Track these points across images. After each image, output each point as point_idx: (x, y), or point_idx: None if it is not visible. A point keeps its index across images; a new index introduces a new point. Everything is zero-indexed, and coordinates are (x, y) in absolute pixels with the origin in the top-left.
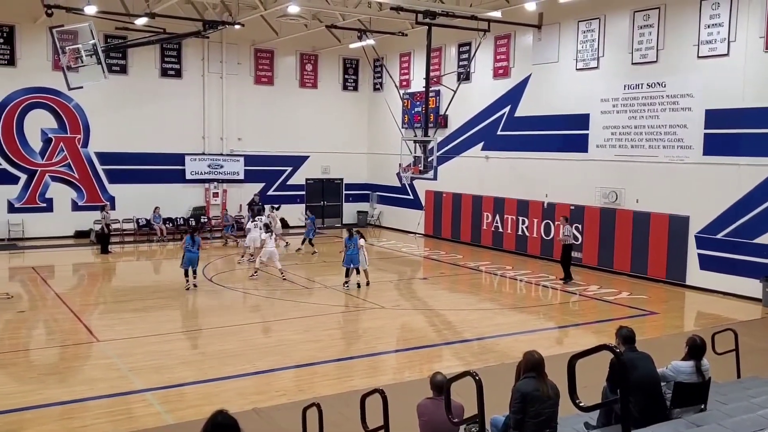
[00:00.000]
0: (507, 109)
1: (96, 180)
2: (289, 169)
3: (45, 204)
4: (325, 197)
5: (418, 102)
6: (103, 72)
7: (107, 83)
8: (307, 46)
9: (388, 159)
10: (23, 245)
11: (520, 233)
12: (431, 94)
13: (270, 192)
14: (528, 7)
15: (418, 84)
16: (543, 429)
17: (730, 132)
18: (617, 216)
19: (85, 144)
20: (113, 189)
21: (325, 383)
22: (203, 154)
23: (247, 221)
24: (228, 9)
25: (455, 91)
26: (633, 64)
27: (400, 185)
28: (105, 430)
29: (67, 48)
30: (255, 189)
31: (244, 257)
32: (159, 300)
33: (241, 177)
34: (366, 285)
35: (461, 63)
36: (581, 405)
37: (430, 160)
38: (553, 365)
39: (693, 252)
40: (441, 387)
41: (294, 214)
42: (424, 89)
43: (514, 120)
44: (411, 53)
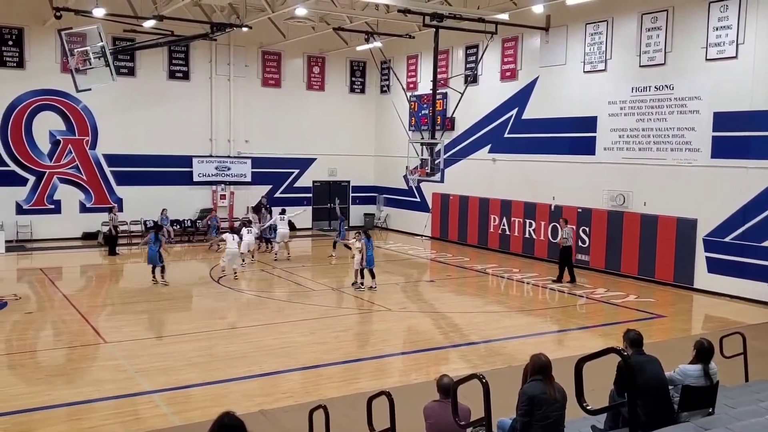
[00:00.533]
0: (514, 112)
1: (104, 182)
2: (296, 172)
3: (53, 206)
4: (332, 199)
5: (425, 104)
6: (111, 74)
7: (115, 85)
8: (315, 48)
9: (395, 161)
10: (31, 247)
11: (527, 236)
12: (438, 96)
13: (277, 194)
14: (535, 10)
15: (425, 86)
16: None
17: (738, 135)
18: (625, 219)
19: (93, 146)
20: (121, 191)
21: (332, 385)
22: (211, 156)
23: (253, 225)
24: (236, 11)
25: (462, 94)
26: (641, 66)
27: (407, 188)
28: (112, 431)
29: (76, 50)
30: (262, 191)
31: (244, 262)
32: (166, 302)
33: (249, 179)
34: (372, 287)
35: (468, 65)
36: (588, 408)
37: (437, 162)
38: (561, 368)
39: (701, 255)
40: (448, 389)
41: (302, 216)
42: (431, 92)
43: (521, 122)
44: (418, 56)
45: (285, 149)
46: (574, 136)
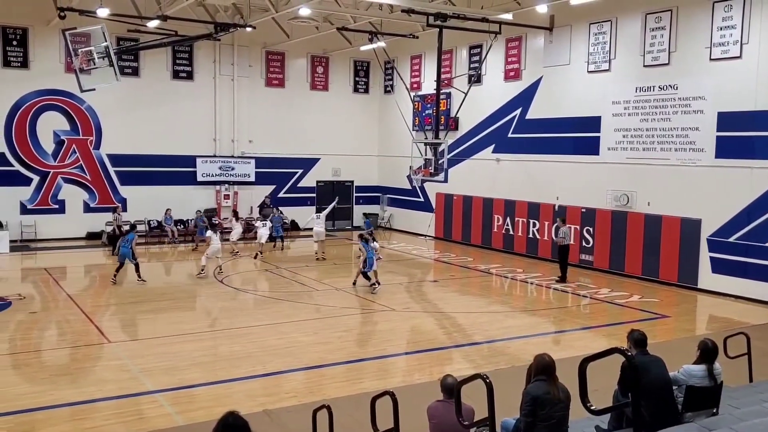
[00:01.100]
0: (518, 112)
1: (108, 182)
2: (300, 171)
3: (57, 205)
4: (336, 200)
5: (428, 104)
6: (116, 74)
7: (119, 85)
8: (318, 48)
9: (398, 161)
10: (35, 246)
11: (531, 236)
12: (442, 96)
13: (281, 194)
14: (539, 9)
15: (428, 86)
16: None
17: (742, 135)
18: (629, 219)
19: (97, 146)
20: (125, 191)
21: (335, 385)
22: (214, 156)
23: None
24: (239, 11)
25: (466, 94)
26: (645, 66)
27: (410, 188)
28: (116, 430)
29: (80, 50)
30: (266, 191)
31: (257, 257)
32: (170, 301)
33: (252, 179)
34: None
35: (472, 65)
36: (592, 408)
37: (440, 162)
38: (564, 368)
39: (705, 255)
40: (451, 390)
41: (305, 216)
42: (435, 91)
43: (525, 122)
44: (422, 55)
45: (289, 149)
46: (577, 136)
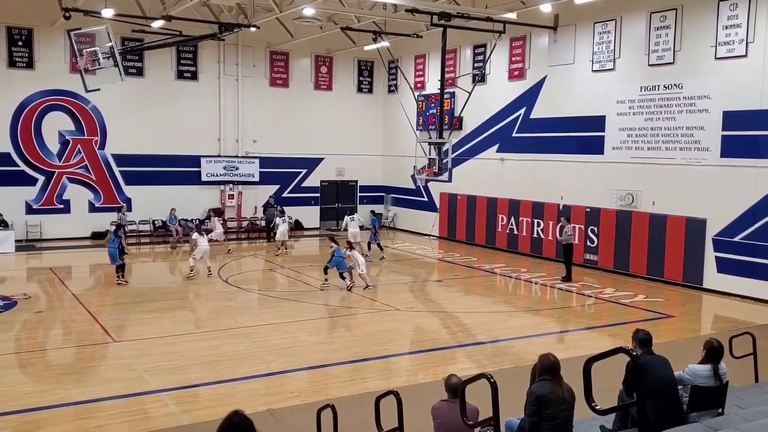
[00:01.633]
0: (522, 111)
1: (113, 181)
2: (304, 171)
3: (62, 205)
4: (340, 199)
5: (432, 104)
6: (120, 74)
7: (124, 85)
8: (322, 48)
9: (402, 161)
10: (41, 246)
11: (535, 236)
12: (446, 96)
13: (285, 194)
14: (543, 9)
15: (432, 86)
16: None
17: (748, 134)
18: (633, 218)
19: (102, 146)
20: (130, 191)
21: (339, 385)
22: (219, 156)
23: (275, 218)
24: (244, 11)
25: (470, 93)
26: (649, 65)
27: (414, 187)
28: (120, 430)
29: (85, 51)
30: (270, 191)
31: (279, 254)
32: (174, 301)
33: (257, 179)
34: (349, 289)
35: (476, 65)
36: (597, 408)
37: (444, 162)
38: (569, 368)
39: (710, 255)
40: (456, 389)
41: (309, 216)
42: (438, 91)
43: (529, 122)
44: (426, 55)
45: (293, 149)
46: (582, 135)
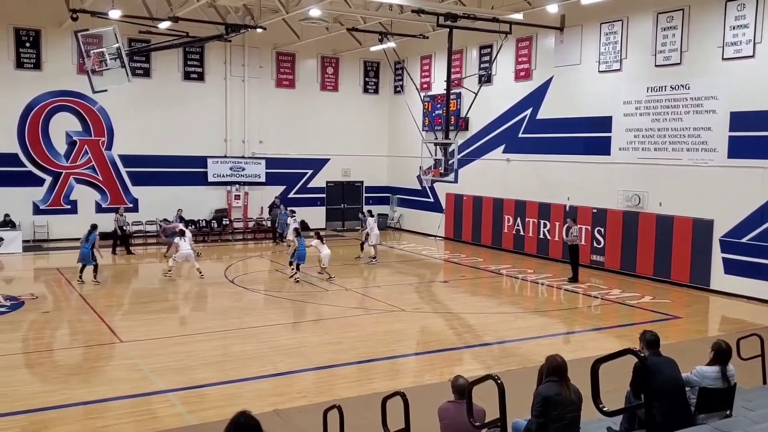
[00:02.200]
0: (528, 112)
1: (119, 182)
2: (310, 172)
3: (69, 206)
4: (346, 200)
5: (438, 104)
6: (127, 75)
7: (131, 86)
8: (328, 49)
9: (408, 162)
10: (48, 246)
11: (541, 236)
12: (452, 96)
13: (291, 194)
14: (550, 9)
15: (439, 86)
16: None
17: (755, 135)
18: (640, 219)
19: (109, 147)
20: (136, 191)
21: (346, 385)
22: (225, 156)
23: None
24: (250, 13)
25: (476, 94)
26: (656, 66)
27: (420, 188)
28: (128, 430)
29: (92, 52)
30: (276, 191)
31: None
32: (181, 301)
33: (263, 180)
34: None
35: (482, 65)
36: (604, 409)
37: (450, 162)
38: (576, 369)
39: (717, 256)
40: (462, 390)
41: (315, 216)
42: (445, 92)
43: (535, 122)
44: (432, 56)
45: (299, 150)
46: (588, 136)
